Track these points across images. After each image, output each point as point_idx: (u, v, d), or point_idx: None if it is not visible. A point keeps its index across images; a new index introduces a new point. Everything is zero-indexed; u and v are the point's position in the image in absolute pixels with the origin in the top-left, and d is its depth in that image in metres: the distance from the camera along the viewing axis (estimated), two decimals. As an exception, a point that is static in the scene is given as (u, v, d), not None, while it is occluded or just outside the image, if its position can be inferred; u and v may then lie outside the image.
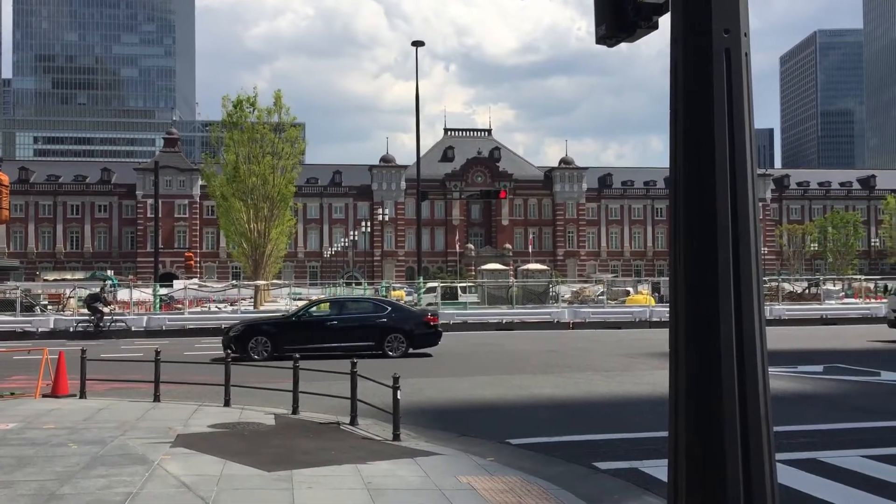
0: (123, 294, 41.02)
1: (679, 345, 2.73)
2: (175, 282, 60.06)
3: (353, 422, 10.60)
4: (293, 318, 21.44)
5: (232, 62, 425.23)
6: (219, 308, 42.47)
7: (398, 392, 9.62)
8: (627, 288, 51.15)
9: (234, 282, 54.33)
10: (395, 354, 20.52)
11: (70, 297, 41.57)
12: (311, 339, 20.02)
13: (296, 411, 11.46)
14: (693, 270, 2.69)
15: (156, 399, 12.66)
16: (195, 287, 47.05)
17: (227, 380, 12.30)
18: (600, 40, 3.48)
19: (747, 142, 2.71)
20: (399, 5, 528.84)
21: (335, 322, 20.91)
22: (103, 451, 8.76)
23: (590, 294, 49.12)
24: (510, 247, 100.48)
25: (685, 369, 2.69)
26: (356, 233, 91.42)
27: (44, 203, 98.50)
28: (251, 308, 41.28)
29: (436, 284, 41.05)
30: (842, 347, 23.33)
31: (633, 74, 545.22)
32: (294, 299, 46.76)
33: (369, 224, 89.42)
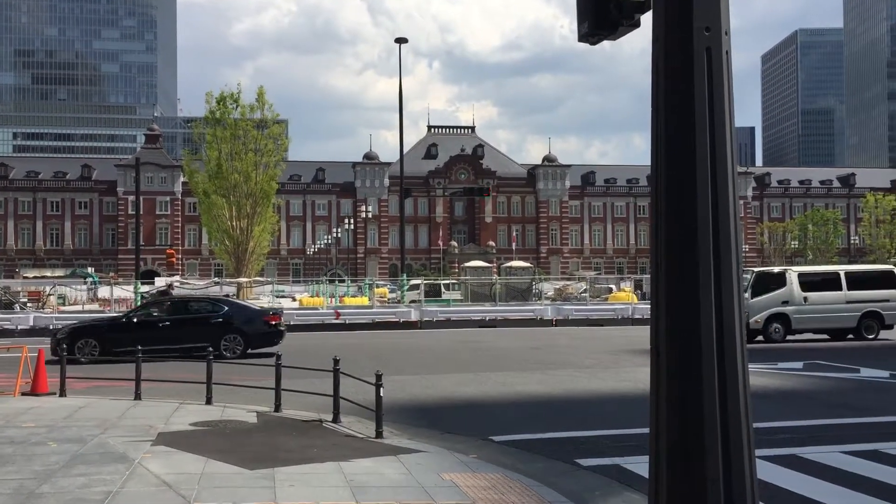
0: (104, 292, 40.71)
1: (660, 342, 2.74)
2: (157, 279, 59.66)
3: (335, 419, 10.58)
4: (124, 318, 20.75)
5: (214, 58, 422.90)
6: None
7: (381, 389, 9.61)
8: (610, 285, 51.36)
9: (217, 279, 54.07)
10: (231, 355, 19.51)
11: (50, 295, 41.22)
12: (144, 341, 17.10)
13: (278, 409, 11.43)
14: (674, 268, 2.70)
15: (136, 397, 12.58)
16: (177, 284, 46.75)
17: (209, 378, 12.24)
18: (583, 38, 3.49)
19: (728, 139, 2.73)
20: (382, 2, 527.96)
21: (168, 322, 20.08)
22: (83, 450, 8.69)
23: (573, 291, 49.30)
24: (493, 244, 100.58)
25: (666, 366, 2.70)
26: (339, 230, 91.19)
27: (23, 200, 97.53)
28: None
29: (419, 282, 41.06)
30: (822, 344, 23.56)
31: (616, 73, 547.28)
32: (277, 296, 46.64)
33: (353, 221, 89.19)
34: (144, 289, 42.38)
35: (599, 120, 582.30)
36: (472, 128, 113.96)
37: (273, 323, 20.89)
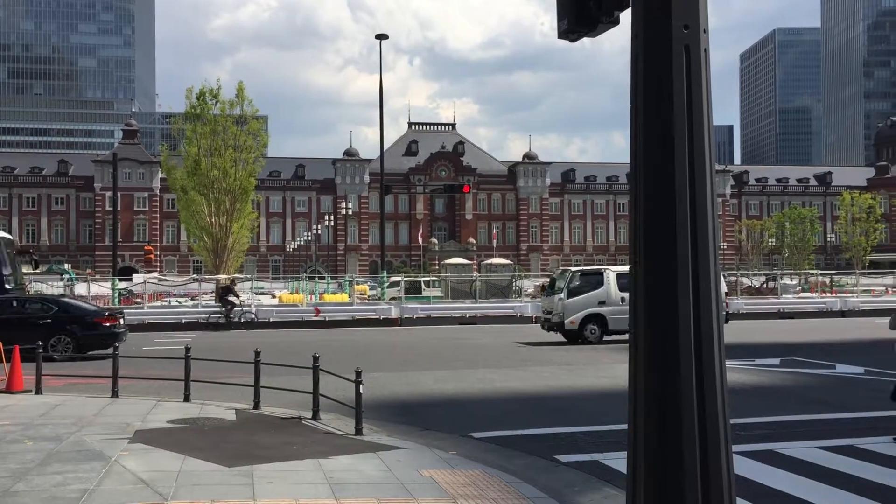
0: (81, 288, 40.31)
1: (638, 338, 2.75)
2: (134, 276, 59.22)
3: (315, 416, 10.55)
4: None
5: (193, 53, 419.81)
6: (179, 302, 41.98)
7: (361, 386, 9.59)
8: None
9: (195, 276, 53.71)
10: (59, 357, 18.86)
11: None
12: None
13: (257, 406, 11.37)
14: (652, 265, 2.71)
15: (114, 395, 12.47)
16: (155, 281, 46.44)
17: (187, 375, 12.17)
18: (562, 35, 3.49)
19: (706, 137, 2.74)
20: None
21: None
22: (59, 448, 8.61)
23: (553, 288, 49.37)
24: (474, 241, 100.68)
25: (644, 362, 2.71)
26: (319, 227, 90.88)
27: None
28: (212, 302, 40.81)
29: (399, 279, 40.95)
30: (798, 341, 23.79)
31: (596, 70, 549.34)
32: (257, 293, 46.42)
33: (333, 218, 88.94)
34: (122, 285, 42.05)
35: (579, 117, 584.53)
36: (453, 125, 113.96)
37: (107, 325, 19.89)
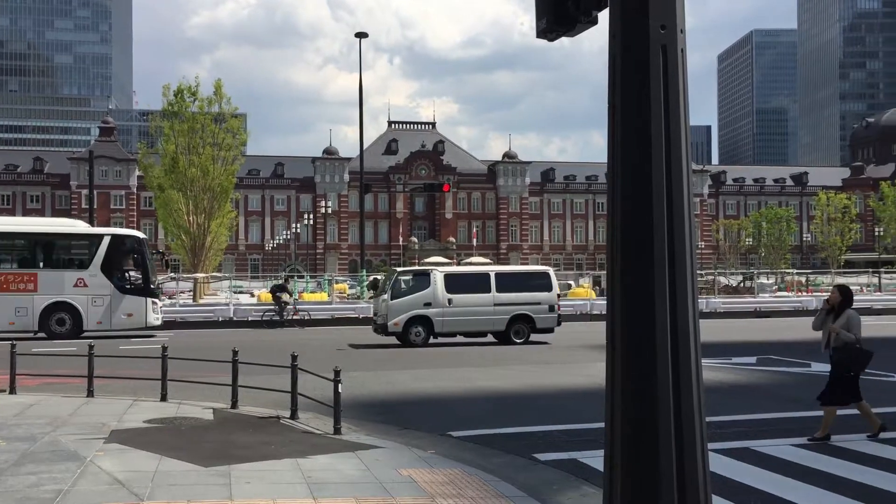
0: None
1: (615, 337, 2.76)
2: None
3: (293, 416, 10.50)
4: None
5: (171, 51, 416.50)
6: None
7: (339, 385, 9.56)
8: (569, 282, 51.70)
9: (173, 274, 53.15)
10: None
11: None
12: None
13: (235, 405, 11.31)
14: (629, 264, 2.72)
15: (89, 394, 12.35)
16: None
17: (164, 374, 12.08)
18: (541, 34, 3.49)
19: (682, 136, 2.75)
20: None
21: None
22: (33, 448, 8.51)
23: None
24: (454, 240, 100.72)
25: (621, 361, 2.72)
26: (299, 225, 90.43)
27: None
28: (190, 301, 40.53)
29: (379, 277, 40.85)
30: (774, 339, 24.01)
31: (575, 70, 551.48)
32: (235, 292, 46.14)
33: (312, 216, 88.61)
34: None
35: (559, 117, 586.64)
36: (433, 124, 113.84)
37: None
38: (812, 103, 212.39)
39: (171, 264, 38.16)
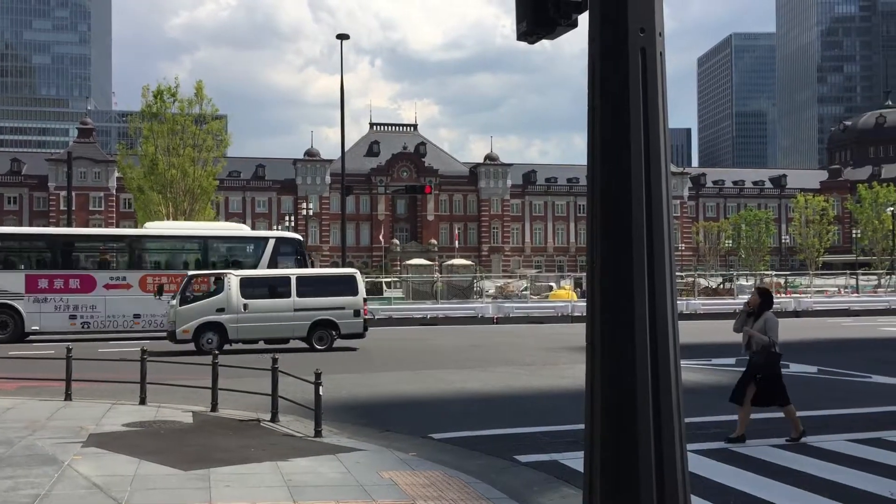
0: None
1: (595, 339, 2.77)
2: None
3: (273, 419, 10.46)
4: None
5: (151, 52, 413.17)
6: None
7: (320, 388, 9.53)
8: (551, 283, 51.83)
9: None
10: None
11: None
12: None
13: (215, 408, 11.24)
14: (609, 266, 2.73)
15: (67, 398, 12.23)
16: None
17: (143, 377, 11.98)
18: (521, 37, 3.50)
19: (662, 139, 2.77)
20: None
21: None
22: (10, 452, 8.42)
23: (514, 289, 49.59)
24: (435, 242, 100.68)
25: (601, 362, 2.73)
26: (280, 227, 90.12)
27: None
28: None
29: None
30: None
31: (556, 72, 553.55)
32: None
33: (293, 219, 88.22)
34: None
35: (540, 120, 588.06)
36: (415, 126, 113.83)
37: None
38: (790, 106, 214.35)
39: (314, 264, 39.11)
